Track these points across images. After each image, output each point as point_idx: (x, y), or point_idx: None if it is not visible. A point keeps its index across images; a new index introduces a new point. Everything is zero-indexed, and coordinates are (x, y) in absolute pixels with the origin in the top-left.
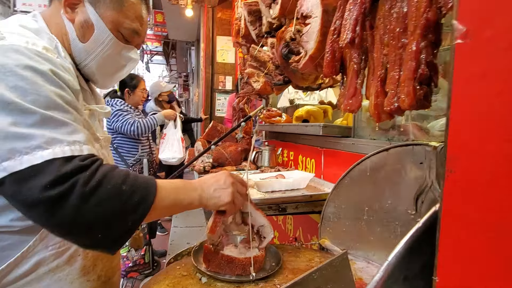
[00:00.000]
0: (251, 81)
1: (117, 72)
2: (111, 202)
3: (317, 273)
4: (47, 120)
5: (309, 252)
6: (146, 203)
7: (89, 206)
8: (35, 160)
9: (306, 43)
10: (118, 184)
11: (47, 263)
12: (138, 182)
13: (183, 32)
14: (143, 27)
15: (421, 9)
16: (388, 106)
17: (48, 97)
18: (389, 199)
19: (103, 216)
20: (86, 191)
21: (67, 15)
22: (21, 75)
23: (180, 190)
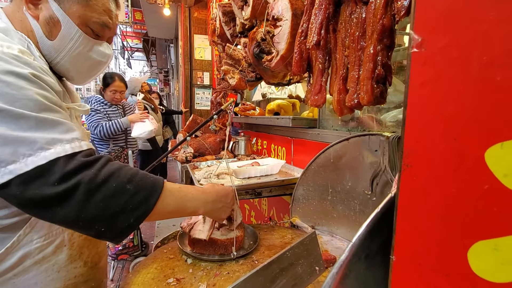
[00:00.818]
0: (227, 77)
1: (93, 69)
2: (114, 199)
3: (290, 251)
4: (42, 122)
5: (282, 230)
6: (148, 203)
7: (94, 202)
8: (40, 161)
9: (278, 44)
10: (123, 182)
11: (32, 256)
12: (144, 183)
13: (162, 30)
14: (113, 20)
15: (378, 15)
16: (349, 102)
17: (37, 100)
18: (349, 182)
19: (107, 211)
20: (92, 187)
21: (30, 11)
22: (4, 81)
23: (188, 199)
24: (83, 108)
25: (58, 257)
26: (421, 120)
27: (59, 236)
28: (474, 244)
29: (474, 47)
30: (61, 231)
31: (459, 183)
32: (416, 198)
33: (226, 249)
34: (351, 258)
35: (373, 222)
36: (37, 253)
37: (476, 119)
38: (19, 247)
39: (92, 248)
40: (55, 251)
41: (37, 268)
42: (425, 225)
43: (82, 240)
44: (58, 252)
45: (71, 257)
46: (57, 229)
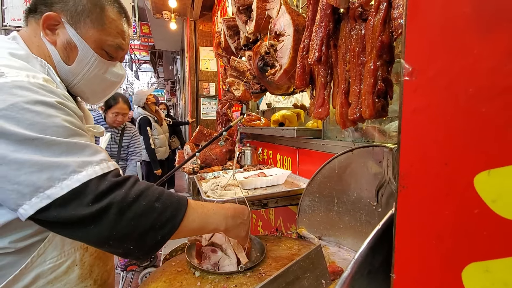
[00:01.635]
0: (232, 89)
1: (107, 89)
2: (144, 217)
3: (296, 265)
4: (72, 146)
5: (289, 241)
6: (175, 220)
7: (125, 220)
8: (74, 184)
9: (281, 58)
10: (152, 201)
11: (45, 276)
12: (170, 201)
13: (168, 43)
14: (126, 41)
15: (377, 33)
16: (351, 115)
17: (64, 126)
18: (355, 193)
19: (137, 229)
20: (124, 206)
21: (47, 37)
22: (35, 111)
23: (210, 215)
24: (98, 130)
25: (70, 277)
26: (414, 145)
27: (71, 256)
28: (467, 265)
29: (460, 79)
30: (73, 251)
31: (451, 206)
32: (412, 218)
33: None
34: (354, 274)
35: (375, 239)
36: (50, 273)
37: (464, 146)
38: (32, 268)
39: (102, 266)
40: (66, 271)
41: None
42: (421, 245)
43: (93, 259)
44: (70, 272)
45: (81, 276)
46: (70, 249)
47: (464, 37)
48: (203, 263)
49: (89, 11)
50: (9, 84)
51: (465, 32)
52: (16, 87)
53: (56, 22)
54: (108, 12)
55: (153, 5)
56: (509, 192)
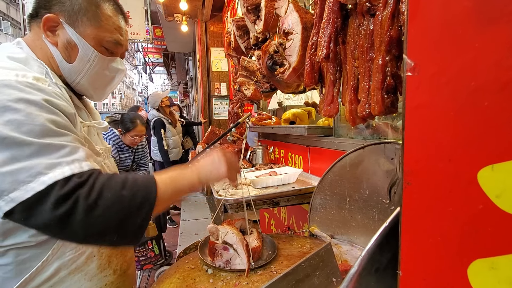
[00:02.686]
0: (242, 88)
1: (108, 85)
2: (115, 208)
3: (305, 262)
4: (44, 147)
5: (300, 239)
6: (149, 201)
7: (95, 217)
8: (38, 187)
9: (290, 57)
10: (117, 191)
11: (66, 267)
12: (138, 184)
13: (180, 45)
14: (124, 37)
15: (385, 27)
16: (361, 112)
17: (43, 125)
18: (367, 190)
19: (112, 222)
20: (89, 204)
21: (49, 39)
22: (15, 108)
23: (178, 178)
24: (102, 126)
25: (89, 267)
26: (418, 141)
27: (89, 248)
28: (472, 262)
29: (462, 73)
30: None
31: (455, 202)
32: (417, 215)
33: None
34: (361, 271)
35: (382, 236)
36: (70, 264)
37: (467, 141)
38: (53, 260)
39: (120, 256)
40: (86, 261)
41: (71, 278)
42: (427, 242)
43: (110, 250)
44: (89, 262)
45: (101, 266)
46: None
47: (465, 31)
48: (216, 261)
49: (85, 9)
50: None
51: (466, 25)
52: (2, 86)
53: (55, 23)
54: (104, 10)
55: (165, 8)
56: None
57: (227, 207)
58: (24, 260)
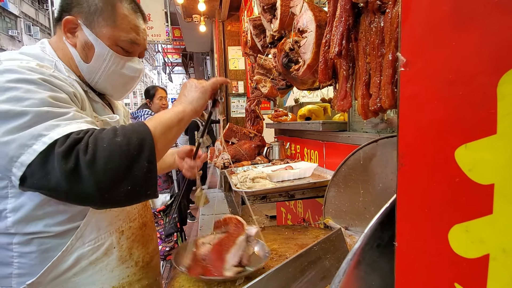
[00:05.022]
0: (259, 86)
1: (126, 84)
2: (116, 154)
3: (317, 246)
4: (44, 114)
5: (315, 230)
6: (147, 141)
7: (100, 169)
8: (40, 148)
9: (304, 54)
10: (110, 139)
11: (87, 257)
12: (128, 129)
13: (198, 45)
14: (140, 36)
15: (394, 24)
16: (372, 106)
17: (43, 99)
18: (380, 183)
19: (119, 169)
20: (88, 158)
21: (68, 40)
22: (14, 87)
23: (163, 115)
24: (113, 120)
25: (110, 258)
26: (410, 127)
27: (107, 240)
28: (452, 227)
29: (442, 68)
30: (109, 235)
31: (438, 178)
32: (409, 192)
33: None
34: (364, 246)
35: (383, 215)
36: (90, 254)
37: (447, 125)
38: (73, 250)
39: (142, 249)
40: (106, 252)
41: (92, 268)
42: (417, 214)
43: (131, 242)
44: (109, 254)
45: (121, 258)
46: (105, 233)
47: (444, 31)
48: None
49: (101, 10)
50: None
51: (444, 26)
52: (5, 71)
53: (74, 25)
54: (120, 9)
55: (184, 9)
56: (482, 161)
57: (244, 199)
58: (47, 249)
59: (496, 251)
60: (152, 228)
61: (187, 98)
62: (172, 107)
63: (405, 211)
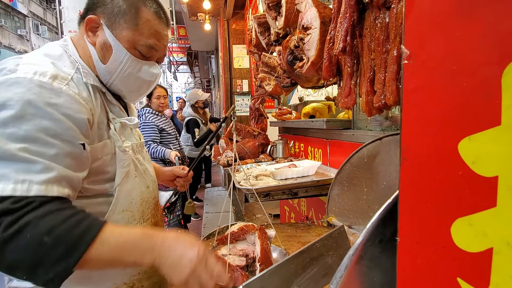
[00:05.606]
0: (263, 84)
1: (142, 87)
2: (27, 253)
3: (319, 242)
4: (11, 156)
5: (318, 228)
6: (68, 261)
7: (6, 252)
8: None
9: (308, 51)
10: (39, 234)
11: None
12: (69, 235)
13: (203, 43)
14: (160, 42)
15: (400, 20)
16: (376, 102)
17: (28, 130)
18: (384, 181)
19: (22, 263)
20: (4, 236)
21: (89, 39)
22: (11, 106)
23: (128, 247)
24: (133, 122)
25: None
26: (413, 121)
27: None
28: (455, 221)
29: (446, 59)
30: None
31: (441, 171)
32: (412, 186)
33: None
34: (365, 242)
35: (386, 211)
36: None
37: (451, 118)
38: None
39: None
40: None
41: None
42: (419, 208)
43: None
44: None
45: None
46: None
47: (448, 22)
48: None
49: (124, 12)
50: (11, 80)
51: (448, 18)
52: (14, 84)
53: (96, 25)
54: (143, 13)
55: (189, 8)
56: (485, 153)
57: (248, 196)
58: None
59: (500, 244)
60: (161, 227)
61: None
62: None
63: (407, 205)
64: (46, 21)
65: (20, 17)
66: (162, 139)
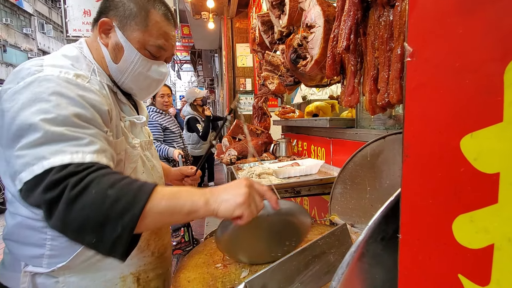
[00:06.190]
0: (267, 83)
1: (151, 86)
2: (94, 207)
3: (321, 240)
4: (57, 136)
5: (321, 227)
6: (134, 209)
7: (74, 211)
8: (37, 170)
9: (312, 50)
10: (104, 189)
11: None
12: (130, 188)
13: (207, 42)
14: (169, 42)
15: (404, 18)
16: (380, 101)
17: (66, 116)
18: (387, 180)
19: (90, 220)
20: (71, 196)
21: (102, 40)
22: (47, 100)
23: (182, 195)
24: (141, 121)
25: None
26: (416, 118)
27: None
28: (456, 217)
29: (449, 57)
30: None
31: (443, 168)
32: (414, 182)
33: None
34: (367, 239)
35: (388, 208)
36: None
37: (454, 114)
38: None
39: (158, 240)
40: None
41: None
42: (421, 205)
43: (149, 234)
44: None
45: (140, 247)
46: None
47: (452, 19)
48: None
49: (134, 14)
50: (41, 78)
51: (451, 15)
52: (44, 80)
53: (109, 27)
54: (153, 15)
55: (193, 6)
56: (487, 150)
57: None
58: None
59: (501, 240)
60: None
61: (220, 195)
62: (198, 192)
63: (409, 202)
64: (51, 19)
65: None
66: (166, 137)
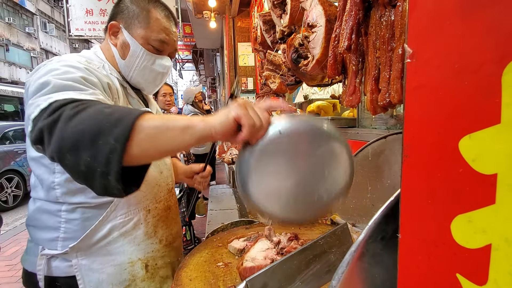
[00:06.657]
0: (268, 82)
1: (156, 79)
2: (89, 122)
3: (322, 239)
4: (65, 86)
5: (322, 226)
6: (125, 121)
7: (71, 126)
8: (43, 105)
9: (313, 49)
10: (100, 108)
11: (118, 229)
12: (124, 109)
13: (208, 41)
14: (170, 37)
15: (405, 18)
16: (381, 101)
17: (74, 77)
18: (388, 179)
19: (84, 134)
20: (70, 113)
21: (111, 41)
22: (59, 68)
23: (175, 118)
24: None
25: (137, 232)
26: (416, 119)
27: (136, 215)
28: (455, 217)
29: (449, 58)
30: (137, 211)
31: (442, 168)
32: (413, 183)
33: None
34: (367, 239)
35: (388, 208)
36: (121, 227)
37: (452, 116)
38: (107, 221)
39: (166, 229)
40: (134, 227)
41: (122, 239)
42: (420, 205)
43: (156, 221)
44: (137, 228)
45: (147, 233)
46: (134, 209)
47: (451, 21)
48: None
49: (137, 15)
50: (57, 59)
51: (451, 16)
52: (61, 60)
53: (117, 29)
54: (153, 14)
55: (194, 6)
56: (485, 151)
57: None
58: (88, 218)
59: (498, 241)
60: (175, 212)
61: (216, 116)
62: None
63: (408, 202)
64: (54, 19)
65: (28, 15)
66: None
